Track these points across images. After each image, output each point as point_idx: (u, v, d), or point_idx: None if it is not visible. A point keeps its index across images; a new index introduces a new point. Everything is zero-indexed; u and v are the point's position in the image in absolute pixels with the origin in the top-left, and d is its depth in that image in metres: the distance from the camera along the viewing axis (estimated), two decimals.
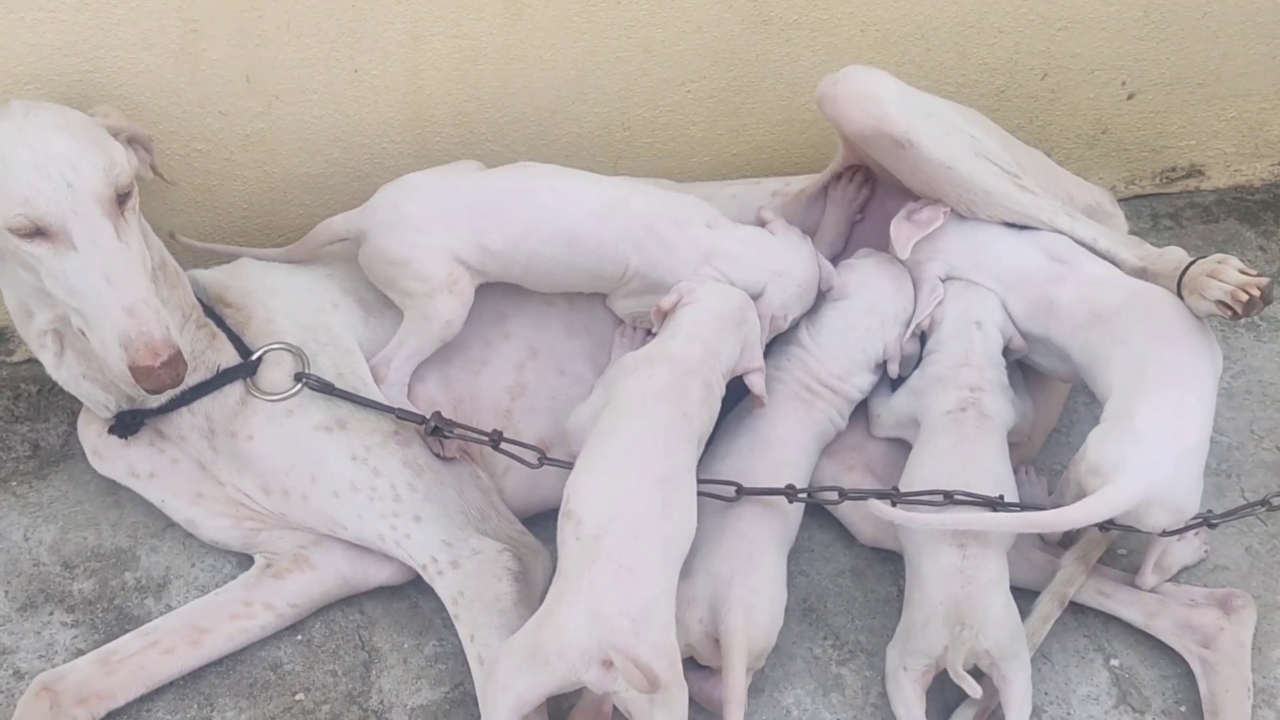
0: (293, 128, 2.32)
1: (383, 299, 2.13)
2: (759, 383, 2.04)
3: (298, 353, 2.01)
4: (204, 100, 2.22)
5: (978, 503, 1.91)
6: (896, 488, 1.98)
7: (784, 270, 2.14)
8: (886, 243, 2.23)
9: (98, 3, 2.06)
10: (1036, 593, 2.02)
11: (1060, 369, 2.17)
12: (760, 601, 1.87)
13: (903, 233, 2.17)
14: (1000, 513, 1.91)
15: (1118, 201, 2.44)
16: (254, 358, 2.00)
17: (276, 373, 2.00)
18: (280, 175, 2.37)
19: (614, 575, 1.63)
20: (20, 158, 1.74)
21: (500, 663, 1.66)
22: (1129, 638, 2.06)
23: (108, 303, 1.74)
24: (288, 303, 2.09)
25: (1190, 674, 1.99)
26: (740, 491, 1.94)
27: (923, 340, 2.20)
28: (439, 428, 1.97)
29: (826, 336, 2.19)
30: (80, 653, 1.98)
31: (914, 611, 1.89)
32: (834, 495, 2.00)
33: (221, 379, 1.99)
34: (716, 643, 1.84)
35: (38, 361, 2.00)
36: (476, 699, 1.84)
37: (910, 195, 2.23)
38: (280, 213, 2.42)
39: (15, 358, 2.43)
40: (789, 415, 2.12)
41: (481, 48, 2.32)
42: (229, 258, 2.20)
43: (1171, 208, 2.94)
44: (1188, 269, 2.01)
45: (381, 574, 2.06)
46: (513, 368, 2.15)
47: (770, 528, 1.97)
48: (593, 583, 1.62)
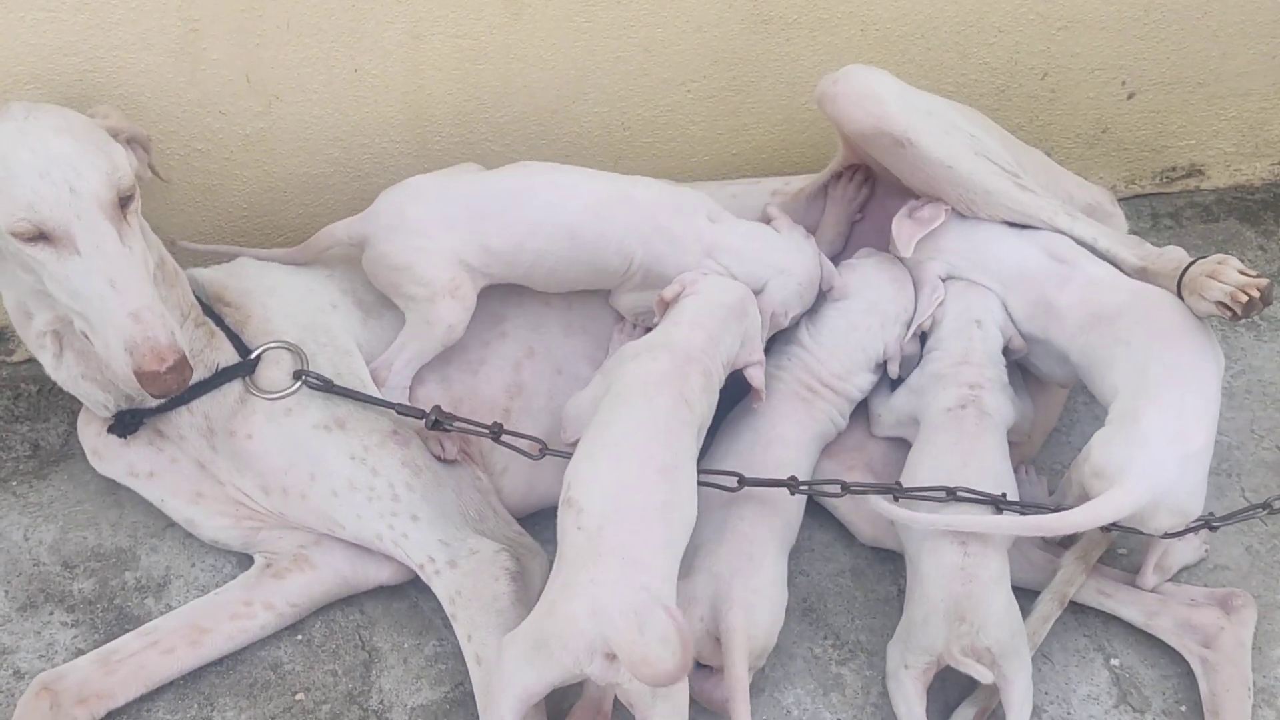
0: (293, 127, 2.32)
1: (381, 301, 2.13)
2: (759, 376, 2.04)
3: (296, 351, 2.01)
4: (204, 100, 2.22)
5: (981, 500, 1.91)
6: (899, 483, 1.98)
7: (786, 267, 2.14)
8: (887, 242, 2.24)
9: (97, 2, 2.06)
10: (1037, 592, 2.02)
11: (1058, 373, 2.17)
12: (761, 601, 1.88)
13: (904, 230, 2.17)
14: (1004, 516, 1.91)
15: (1118, 201, 2.44)
16: (253, 356, 2.00)
17: (275, 371, 2.00)
18: (280, 175, 2.37)
19: (618, 568, 1.62)
20: (22, 161, 1.73)
21: (504, 655, 1.66)
22: (1129, 637, 2.06)
23: (112, 308, 1.74)
24: (287, 303, 2.09)
25: (1190, 673, 1.99)
26: (743, 482, 1.94)
27: (923, 340, 2.21)
28: (439, 421, 1.97)
29: (827, 336, 2.19)
30: (80, 652, 1.98)
31: (914, 609, 1.89)
32: (836, 488, 2.00)
33: (220, 378, 1.99)
34: (717, 642, 1.84)
35: (38, 361, 2.00)
36: (476, 699, 1.84)
37: (910, 194, 2.23)
38: (280, 212, 2.42)
39: (15, 358, 2.43)
40: (789, 415, 2.12)
41: (481, 47, 2.32)
42: (230, 258, 2.19)
43: (1171, 207, 2.94)
44: (1187, 269, 2.01)
45: (381, 574, 2.06)
46: (510, 367, 2.15)
47: (771, 527, 1.97)
48: (597, 576, 1.62)
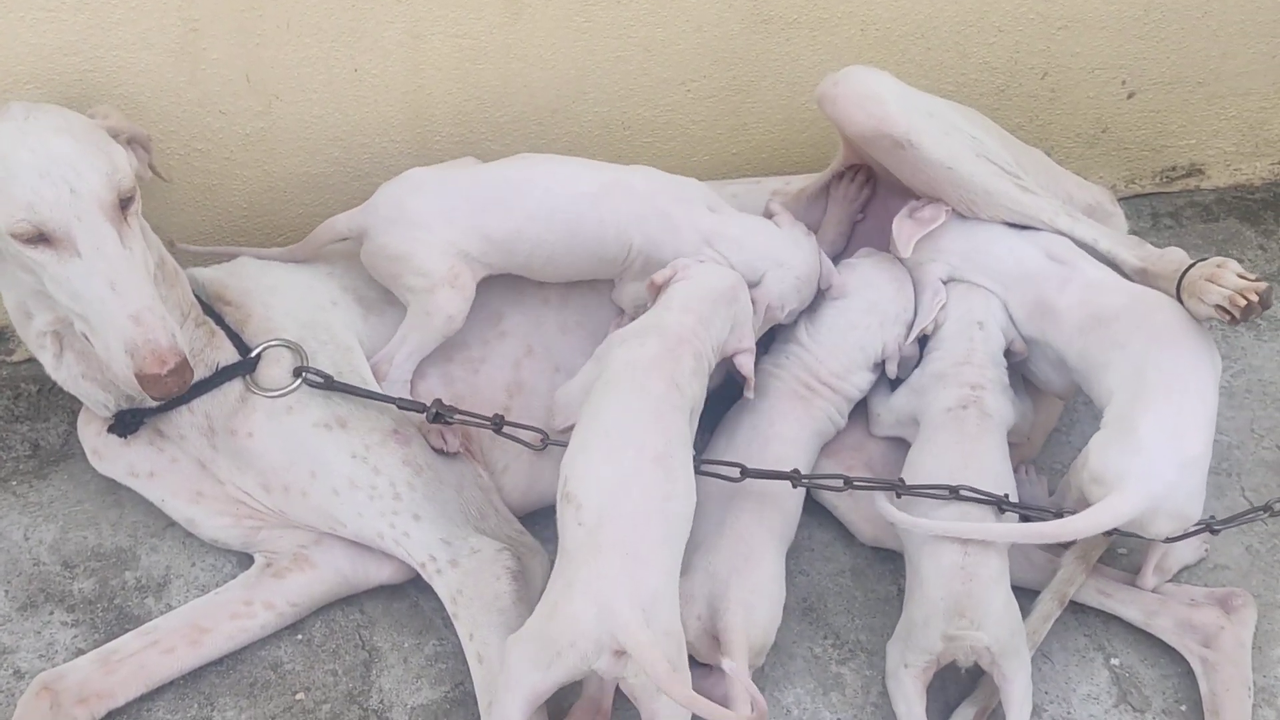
0: (293, 127, 2.32)
1: (382, 297, 2.13)
2: (748, 364, 2.03)
3: (297, 349, 2.01)
4: (204, 99, 2.22)
5: (984, 500, 1.91)
6: (902, 479, 1.98)
7: (784, 261, 2.13)
8: (888, 242, 2.24)
9: (97, 2, 2.06)
10: (1037, 592, 2.02)
11: (1056, 381, 2.17)
12: (759, 600, 1.88)
13: (905, 230, 2.17)
14: (1003, 524, 1.91)
15: (1118, 200, 2.43)
16: (253, 355, 2.00)
17: (276, 370, 2.00)
18: (280, 174, 2.37)
19: (620, 564, 1.62)
20: (22, 161, 1.72)
21: (509, 656, 1.65)
22: (1129, 637, 2.06)
23: (113, 310, 1.74)
24: (287, 301, 2.09)
25: (1190, 673, 1.99)
26: (745, 473, 1.94)
27: (923, 341, 2.20)
28: (440, 414, 1.97)
29: (826, 335, 2.19)
30: (80, 652, 1.98)
31: (914, 609, 1.89)
32: (839, 482, 2.00)
33: (221, 377, 1.99)
34: (715, 640, 1.84)
35: (38, 361, 2.00)
36: (477, 698, 1.84)
37: (911, 195, 2.23)
38: (280, 212, 2.42)
39: (15, 357, 2.43)
40: (788, 413, 2.12)
41: (481, 47, 2.32)
42: (230, 259, 2.19)
43: (1172, 207, 2.94)
44: (1187, 272, 2.00)
45: (382, 573, 2.06)
46: (510, 365, 2.15)
47: (769, 526, 1.97)
48: (600, 573, 1.62)
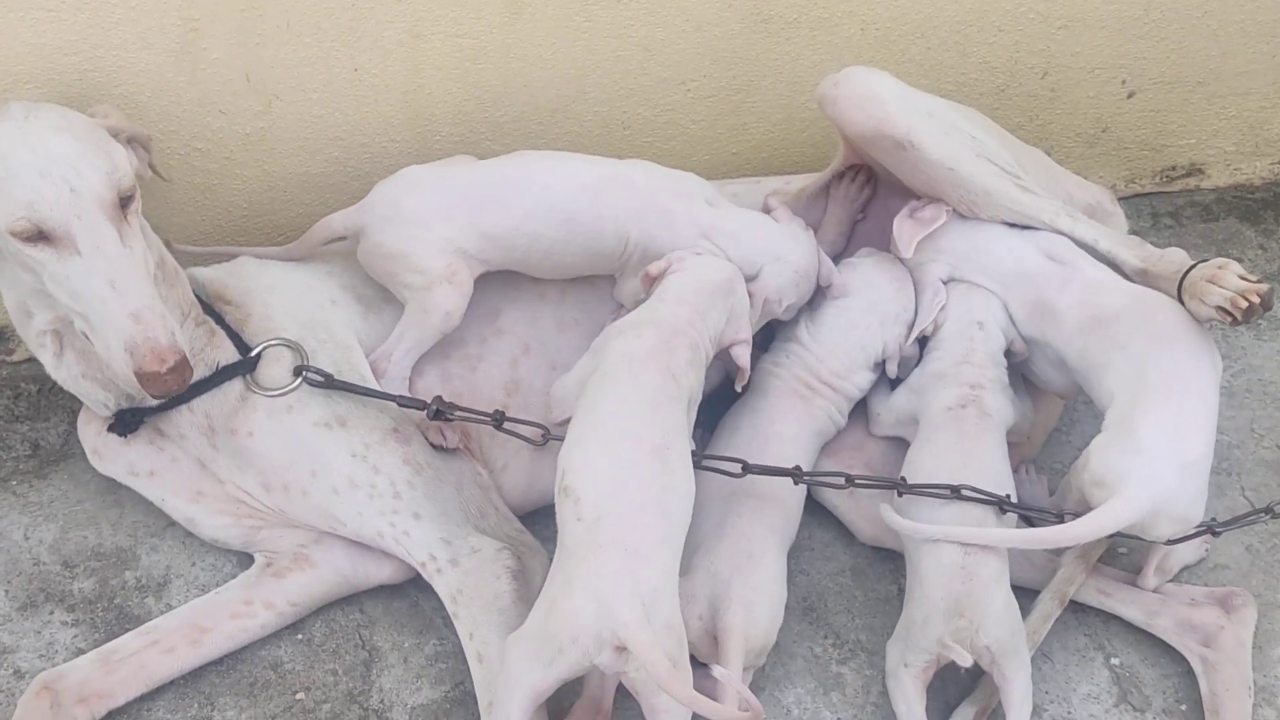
0: (293, 127, 2.31)
1: (381, 295, 2.13)
2: (744, 355, 2.02)
3: (296, 348, 2.01)
4: (204, 99, 2.22)
5: (986, 499, 1.91)
6: (904, 477, 1.98)
7: (782, 255, 2.13)
8: (888, 242, 2.24)
9: (97, 2, 2.06)
10: (1037, 591, 2.02)
11: (1056, 381, 2.17)
12: (760, 599, 1.88)
13: (905, 230, 2.17)
14: (1004, 530, 1.91)
15: (1118, 200, 2.44)
16: (253, 354, 2.00)
17: (276, 369, 2.00)
18: (280, 174, 2.37)
19: (620, 561, 1.62)
20: (22, 160, 1.73)
21: (510, 654, 1.65)
22: (1129, 636, 2.06)
23: (112, 309, 1.74)
24: (286, 300, 2.09)
25: (1191, 673, 1.99)
26: (747, 469, 1.94)
27: (923, 341, 2.20)
28: (441, 411, 1.97)
29: (826, 334, 2.19)
30: (80, 652, 1.98)
31: (914, 608, 1.89)
32: (840, 480, 2.00)
33: (221, 376, 1.99)
34: (716, 640, 1.84)
35: (38, 361, 2.00)
36: (477, 698, 1.84)
37: (911, 195, 2.23)
38: (280, 212, 2.41)
39: (15, 357, 2.43)
40: (788, 412, 2.12)
41: (481, 46, 2.32)
42: (228, 259, 2.19)
43: (1172, 206, 2.94)
44: (1188, 273, 2.00)
45: (382, 572, 2.06)
46: (507, 364, 2.15)
47: (770, 525, 1.97)
48: (600, 570, 1.61)
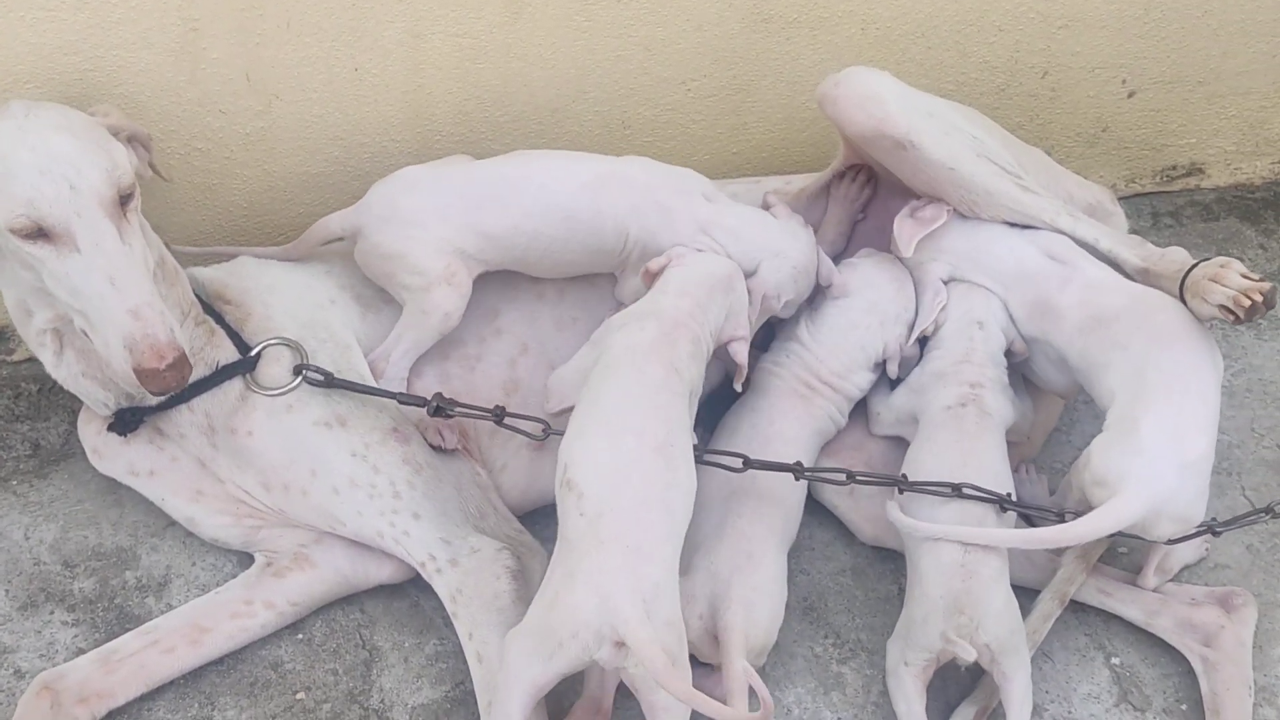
0: (293, 126, 2.31)
1: (380, 295, 2.13)
2: (742, 352, 2.02)
3: (296, 347, 2.01)
4: (204, 99, 2.22)
5: (986, 498, 1.91)
6: (905, 475, 1.98)
7: (781, 250, 2.13)
8: (889, 242, 2.24)
9: (97, 2, 2.06)
10: (1037, 591, 2.02)
11: (1057, 381, 2.16)
12: (760, 599, 1.88)
13: (906, 230, 2.17)
14: (1005, 530, 1.92)
15: (1118, 200, 2.44)
16: (253, 353, 2.00)
17: (276, 368, 2.00)
18: (280, 174, 2.37)
19: (622, 557, 1.62)
20: (22, 159, 1.73)
21: (510, 650, 1.65)
22: (1130, 636, 2.06)
23: (112, 305, 1.74)
24: (286, 299, 2.09)
25: (1191, 672, 1.99)
26: (748, 464, 1.94)
27: (923, 340, 2.20)
28: (441, 408, 1.97)
29: (826, 334, 2.19)
30: (81, 652, 1.98)
31: (914, 607, 1.89)
32: (841, 476, 2.00)
33: (221, 375, 1.99)
34: (716, 640, 1.84)
35: (38, 361, 2.00)
36: (477, 697, 1.84)
37: (912, 195, 2.23)
38: (280, 211, 2.41)
39: (15, 357, 2.43)
40: (788, 412, 2.12)
41: (482, 46, 2.32)
42: (227, 259, 2.19)
43: (1172, 206, 2.94)
44: (1190, 272, 2.00)
45: (382, 572, 2.06)
46: (506, 364, 2.15)
47: (770, 525, 1.97)
48: (602, 565, 1.61)
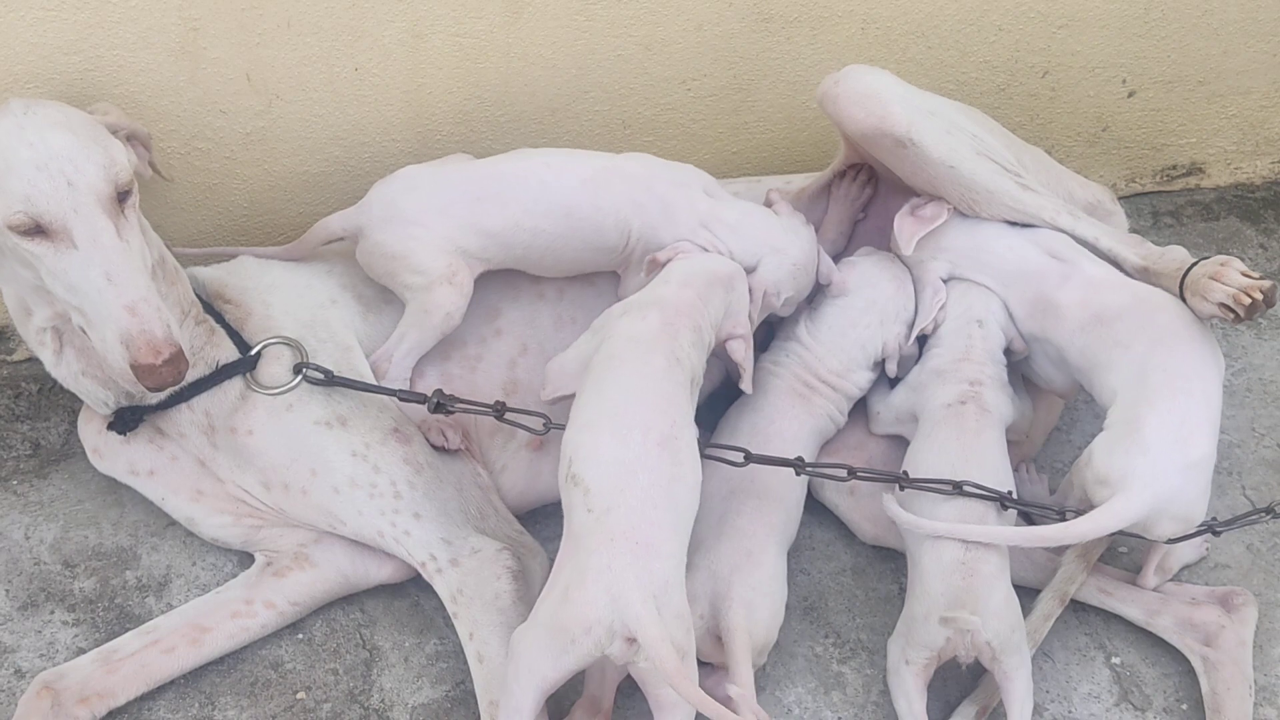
0: (293, 126, 2.31)
1: (381, 295, 2.13)
2: (740, 350, 2.02)
3: (296, 346, 2.01)
4: (204, 99, 2.22)
5: (988, 495, 1.91)
6: (906, 472, 1.98)
7: (781, 247, 2.13)
8: (889, 242, 2.24)
9: (97, 2, 2.06)
10: (1038, 590, 2.03)
11: (1056, 379, 2.16)
12: (761, 599, 1.88)
13: (906, 228, 2.17)
14: (1007, 528, 1.92)
15: (1118, 199, 2.44)
16: (253, 353, 2.00)
17: (276, 367, 2.00)
18: (281, 174, 2.37)
19: (631, 553, 1.62)
20: (20, 155, 1.73)
21: (519, 646, 1.66)
22: (1130, 636, 2.06)
23: (109, 301, 1.74)
24: (286, 299, 2.09)
25: (1192, 672, 1.99)
26: (749, 458, 1.94)
27: (922, 339, 2.20)
28: (442, 405, 1.97)
29: (826, 333, 2.19)
30: (81, 651, 1.98)
31: (915, 605, 1.89)
32: (842, 473, 2.00)
33: (221, 375, 1.99)
34: (718, 640, 1.84)
35: (38, 360, 2.00)
36: (477, 697, 1.84)
37: (912, 194, 2.23)
38: (281, 211, 2.41)
39: (15, 356, 2.43)
40: (788, 411, 2.12)
41: (482, 46, 2.32)
42: (229, 259, 2.19)
43: (1172, 205, 2.94)
44: (1190, 270, 2.00)
45: (382, 572, 2.06)
46: (506, 364, 2.16)
47: (770, 524, 1.97)
48: (611, 563, 1.61)
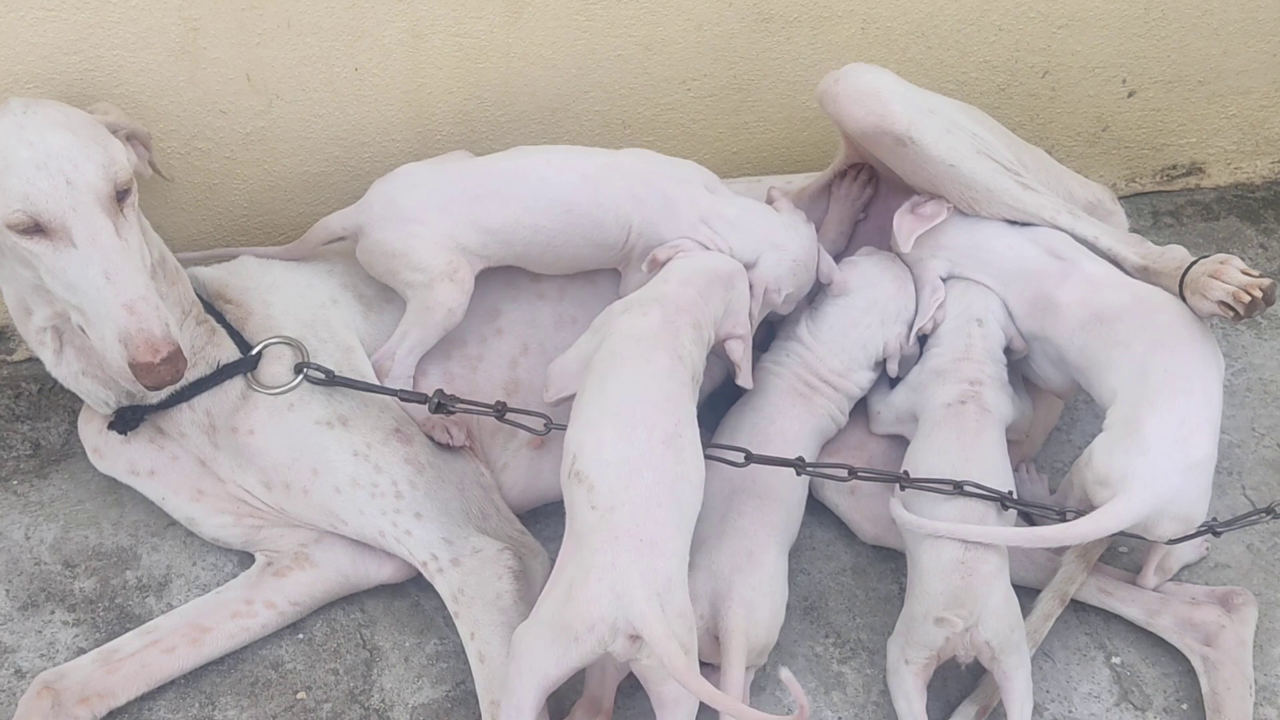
0: (293, 126, 2.31)
1: (382, 294, 2.13)
2: (739, 349, 2.02)
3: (298, 346, 2.01)
4: (204, 99, 2.22)
5: (988, 496, 1.91)
6: (907, 472, 1.98)
7: (781, 243, 2.13)
8: (890, 242, 2.24)
9: (98, 2, 2.06)
10: (1038, 590, 2.03)
11: (1055, 378, 2.16)
12: (761, 599, 1.88)
13: (905, 226, 2.17)
14: (1008, 528, 1.92)
15: (1118, 199, 2.43)
16: (254, 352, 2.00)
17: (277, 367, 2.00)
18: (281, 174, 2.37)
19: (635, 551, 1.62)
20: (20, 154, 1.73)
21: (521, 644, 1.66)
22: (1130, 635, 2.07)
23: (107, 300, 1.74)
24: (287, 299, 2.09)
25: (1192, 672, 1.99)
26: (749, 458, 1.94)
27: (923, 338, 2.20)
28: (443, 404, 1.97)
29: (827, 333, 2.19)
30: (81, 651, 1.98)
31: (914, 603, 1.89)
32: (843, 472, 2.00)
33: (222, 374, 1.99)
34: (717, 640, 1.84)
35: (38, 360, 2.00)
36: (478, 697, 1.84)
37: (913, 194, 2.23)
38: (281, 211, 2.41)
39: (16, 356, 2.43)
40: (789, 411, 2.12)
41: (482, 46, 2.32)
42: (228, 259, 2.19)
43: (1172, 205, 2.94)
44: (1189, 269, 2.00)
45: (383, 572, 2.06)
46: (507, 364, 2.16)
47: (771, 524, 1.97)
48: (615, 560, 1.62)
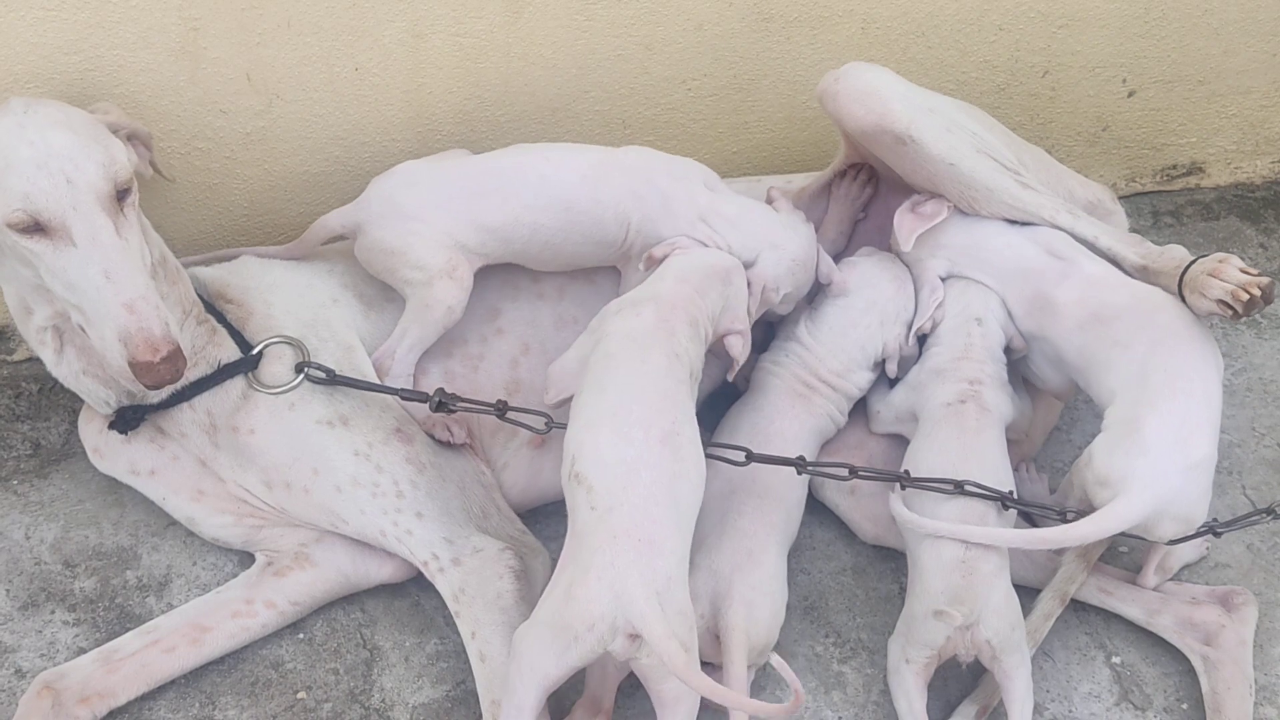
0: (294, 126, 2.32)
1: (383, 294, 2.13)
2: (738, 346, 2.02)
3: (298, 345, 2.01)
4: (204, 98, 2.22)
5: (989, 495, 1.91)
6: (907, 471, 1.98)
7: (780, 242, 2.12)
8: (890, 242, 2.24)
9: (98, 2, 2.06)
10: (1038, 590, 2.02)
11: (1053, 379, 2.16)
12: (761, 598, 1.88)
13: (906, 225, 2.17)
14: (1008, 529, 1.92)
15: (1118, 199, 2.43)
16: (255, 352, 2.00)
17: (278, 367, 2.00)
18: (281, 173, 2.37)
19: (634, 551, 1.63)
20: (20, 154, 1.73)
21: (522, 643, 1.66)
22: (1130, 635, 2.07)
23: (107, 299, 1.74)
24: (288, 299, 2.09)
25: (1192, 671, 1.99)
26: (750, 458, 1.94)
27: (922, 338, 2.20)
28: (444, 403, 1.97)
29: (826, 333, 2.19)
30: (82, 651, 1.98)
31: (915, 603, 1.89)
32: (843, 472, 2.00)
33: (222, 374, 1.99)
34: (718, 639, 1.84)
35: (39, 360, 2.00)
36: (478, 697, 1.84)
37: (913, 193, 2.23)
38: (281, 211, 2.42)
39: (16, 356, 2.43)
40: (788, 411, 2.12)
41: (482, 46, 2.32)
42: (229, 259, 2.19)
43: (1172, 205, 2.94)
44: (1188, 268, 2.00)
45: (383, 572, 2.06)
46: (508, 364, 2.16)
47: (771, 524, 1.97)
48: (614, 560, 1.62)
